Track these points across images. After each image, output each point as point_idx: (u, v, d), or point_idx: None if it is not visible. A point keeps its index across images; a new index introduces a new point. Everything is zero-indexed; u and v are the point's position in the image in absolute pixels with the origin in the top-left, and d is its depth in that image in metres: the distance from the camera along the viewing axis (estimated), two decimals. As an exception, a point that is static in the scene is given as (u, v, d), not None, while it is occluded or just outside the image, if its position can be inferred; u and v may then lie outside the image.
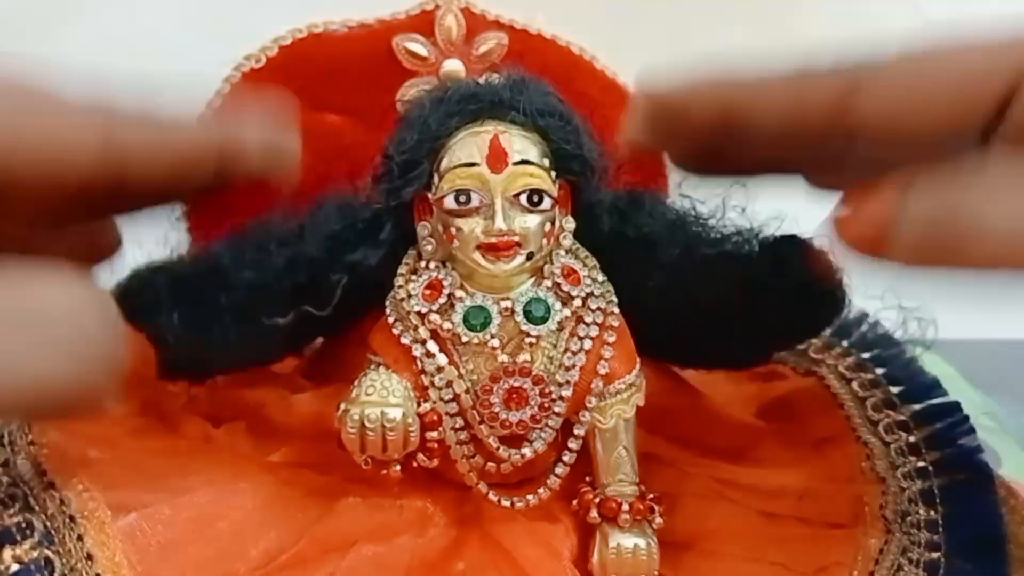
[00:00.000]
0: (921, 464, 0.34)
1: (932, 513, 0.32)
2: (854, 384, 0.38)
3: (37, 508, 0.28)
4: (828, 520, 0.33)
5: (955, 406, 0.36)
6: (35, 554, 0.27)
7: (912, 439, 0.35)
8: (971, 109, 0.25)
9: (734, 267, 0.32)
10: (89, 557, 0.27)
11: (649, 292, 0.32)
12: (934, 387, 0.37)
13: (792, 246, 0.33)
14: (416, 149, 0.31)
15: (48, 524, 0.28)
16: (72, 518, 0.28)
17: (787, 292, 0.33)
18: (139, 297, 0.30)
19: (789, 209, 0.33)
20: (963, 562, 0.31)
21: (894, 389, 0.38)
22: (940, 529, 0.32)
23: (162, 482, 0.31)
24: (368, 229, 0.32)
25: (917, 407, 0.36)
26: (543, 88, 0.32)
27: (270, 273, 0.31)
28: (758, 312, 0.33)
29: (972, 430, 0.35)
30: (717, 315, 0.33)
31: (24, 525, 0.27)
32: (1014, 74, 0.25)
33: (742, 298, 0.33)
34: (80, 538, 0.27)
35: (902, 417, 0.36)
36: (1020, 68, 0.24)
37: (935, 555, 0.31)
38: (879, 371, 0.39)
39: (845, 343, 0.41)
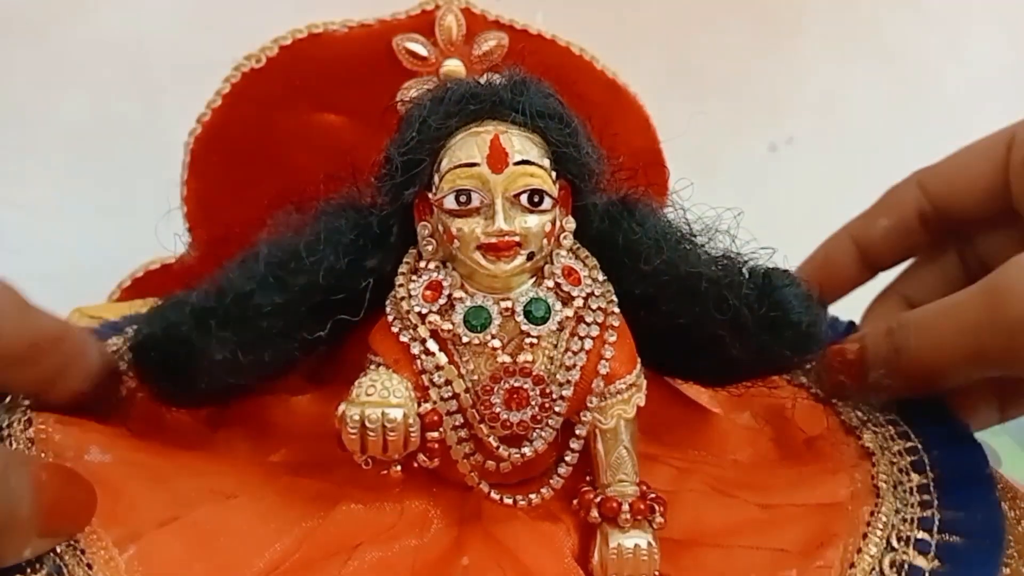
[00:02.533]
0: (911, 444, 0.35)
1: (923, 479, 0.33)
2: None
3: None
4: (823, 501, 0.33)
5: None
6: None
7: (902, 427, 0.36)
8: None
9: (716, 289, 0.32)
10: None
11: (634, 299, 0.32)
12: None
13: (781, 280, 0.33)
14: (416, 149, 0.31)
15: (58, 560, 0.27)
16: (82, 550, 0.28)
17: (768, 323, 0.33)
18: (171, 337, 0.30)
19: (778, 242, 0.34)
20: (955, 512, 0.31)
21: None
22: (931, 490, 0.32)
23: (164, 485, 0.31)
24: (379, 235, 0.32)
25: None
26: (544, 90, 0.32)
27: (298, 292, 0.31)
28: (735, 337, 0.33)
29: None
30: (693, 332, 0.33)
31: (34, 558, 0.27)
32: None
33: (720, 321, 0.32)
34: (90, 566, 0.27)
35: (891, 416, 0.37)
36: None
37: (928, 512, 0.31)
38: None
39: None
